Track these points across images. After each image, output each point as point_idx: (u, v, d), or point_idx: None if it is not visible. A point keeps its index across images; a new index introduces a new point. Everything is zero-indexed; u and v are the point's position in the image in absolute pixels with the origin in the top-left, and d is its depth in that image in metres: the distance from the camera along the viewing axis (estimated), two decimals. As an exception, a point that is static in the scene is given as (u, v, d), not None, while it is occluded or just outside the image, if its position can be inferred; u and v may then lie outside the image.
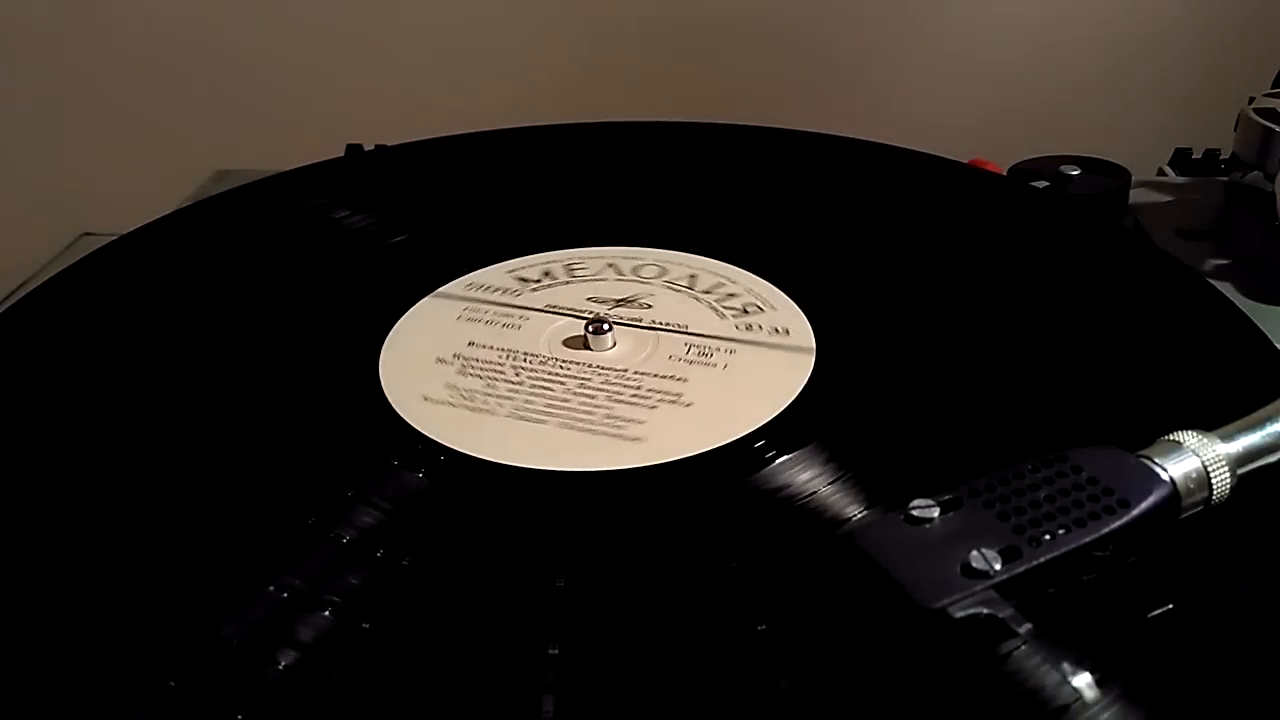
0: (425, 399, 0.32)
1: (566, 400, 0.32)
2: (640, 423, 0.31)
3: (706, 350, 0.34)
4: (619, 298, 0.37)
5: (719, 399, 0.32)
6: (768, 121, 0.52)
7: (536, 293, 0.38)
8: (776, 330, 0.34)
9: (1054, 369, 0.33)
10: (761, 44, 0.74)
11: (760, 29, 0.74)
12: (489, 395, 0.32)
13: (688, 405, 0.31)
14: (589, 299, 0.37)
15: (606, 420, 0.31)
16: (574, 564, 0.25)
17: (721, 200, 0.46)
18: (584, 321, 0.35)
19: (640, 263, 0.40)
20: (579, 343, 0.35)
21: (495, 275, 0.40)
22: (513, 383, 0.33)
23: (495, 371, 0.34)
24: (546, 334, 0.36)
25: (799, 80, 0.75)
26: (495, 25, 0.73)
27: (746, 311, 0.36)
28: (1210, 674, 0.22)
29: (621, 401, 0.32)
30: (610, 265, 0.40)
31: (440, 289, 0.39)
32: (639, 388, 0.32)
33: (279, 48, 0.74)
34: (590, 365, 0.34)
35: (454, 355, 0.35)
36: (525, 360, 0.34)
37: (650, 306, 0.37)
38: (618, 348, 0.35)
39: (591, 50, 0.74)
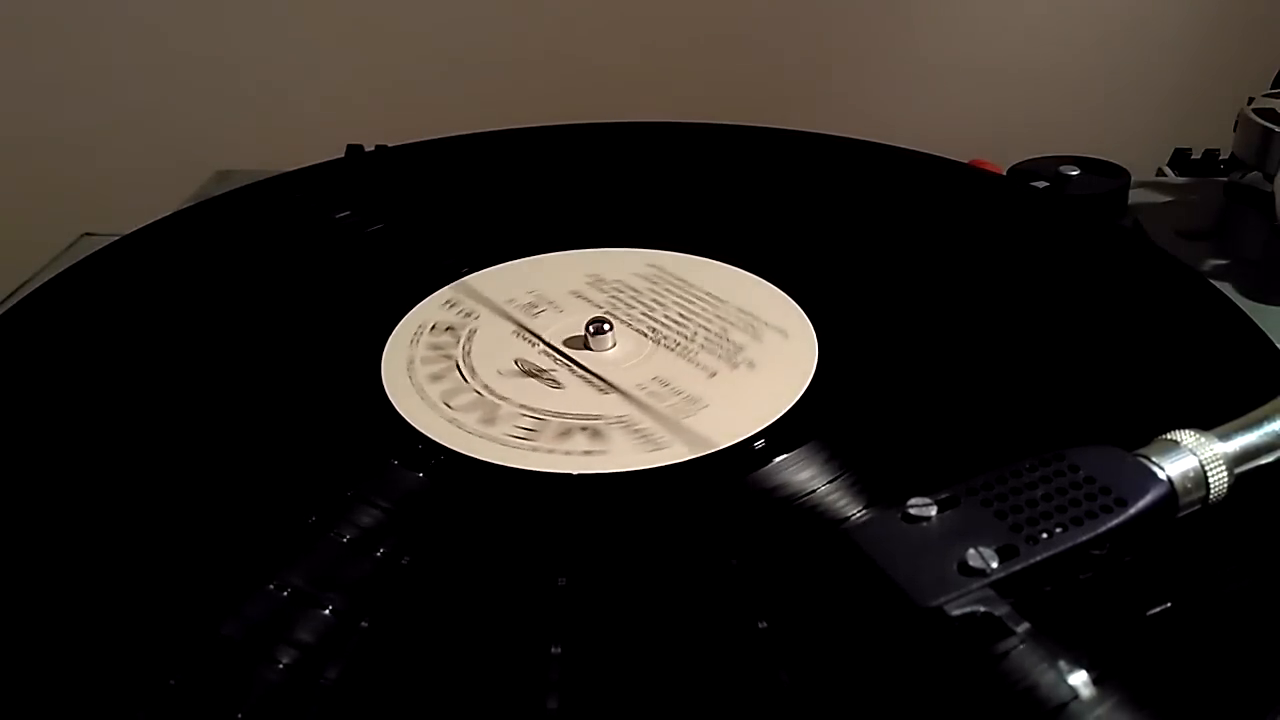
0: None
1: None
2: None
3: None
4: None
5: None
6: (768, 121, 0.52)
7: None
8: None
9: (1054, 369, 0.33)
10: (762, 44, 0.74)
11: (761, 29, 0.74)
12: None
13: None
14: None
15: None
16: (575, 563, 0.26)
17: (722, 200, 0.46)
18: (585, 321, 0.35)
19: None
20: (579, 343, 0.35)
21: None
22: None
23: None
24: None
25: (799, 80, 0.75)
26: (495, 25, 0.73)
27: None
28: (1208, 673, 0.22)
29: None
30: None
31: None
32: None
33: (279, 48, 0.74)
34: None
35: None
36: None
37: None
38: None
39: (592, 50, 0.74)
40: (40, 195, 0.73)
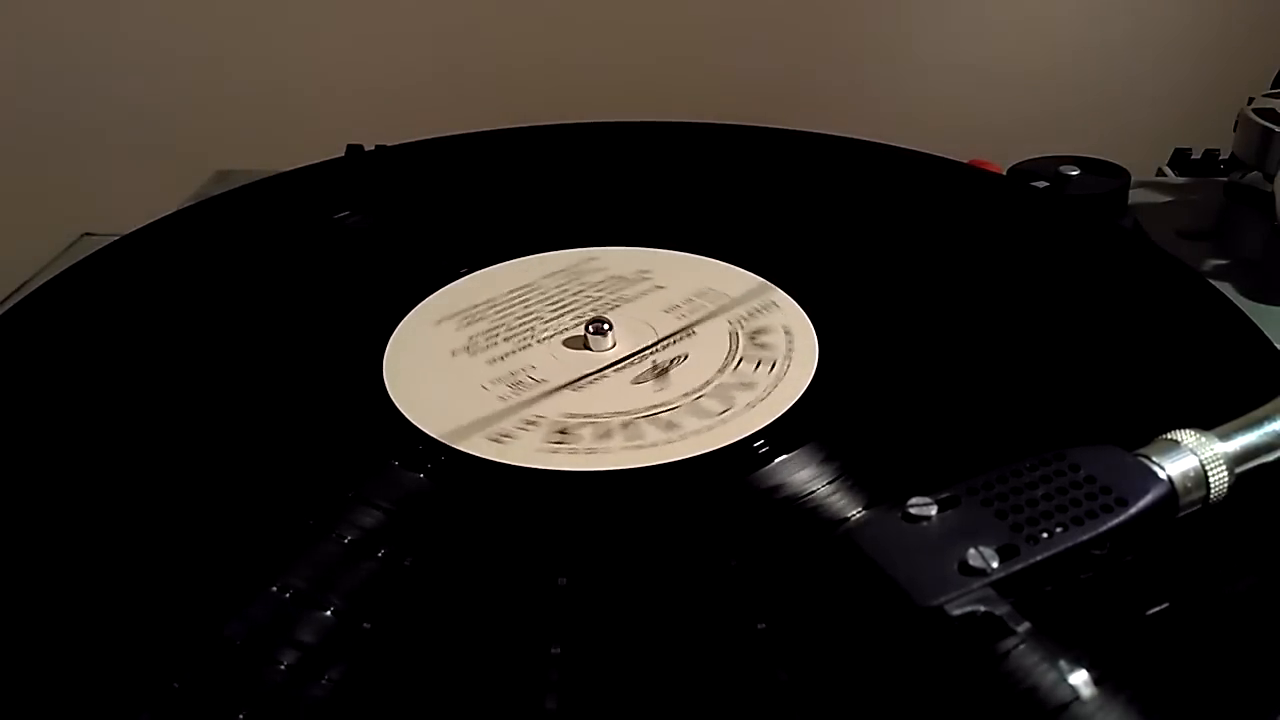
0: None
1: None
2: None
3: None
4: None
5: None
6: (768, 121, 0.52)
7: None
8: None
9: (1054, 369, 0.33)
10: (762, 44, 0.74)
11: (761, 29, 0.74)
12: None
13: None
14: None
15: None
16: (575, 563, 0.26)
17: (721, 200, 0.46)
18: (585, 320, 0.35)
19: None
20: (579, 343, 0.35)
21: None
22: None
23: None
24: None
25: (799, 80, 0.75)
26: (495, 25, 0.73)
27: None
28: (1208, 672, 0.22)
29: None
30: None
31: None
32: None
33: (279, 48, 0.74)
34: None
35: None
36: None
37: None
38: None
39: (591, 50, 0.74)
40: (40, 195, 0.73)
